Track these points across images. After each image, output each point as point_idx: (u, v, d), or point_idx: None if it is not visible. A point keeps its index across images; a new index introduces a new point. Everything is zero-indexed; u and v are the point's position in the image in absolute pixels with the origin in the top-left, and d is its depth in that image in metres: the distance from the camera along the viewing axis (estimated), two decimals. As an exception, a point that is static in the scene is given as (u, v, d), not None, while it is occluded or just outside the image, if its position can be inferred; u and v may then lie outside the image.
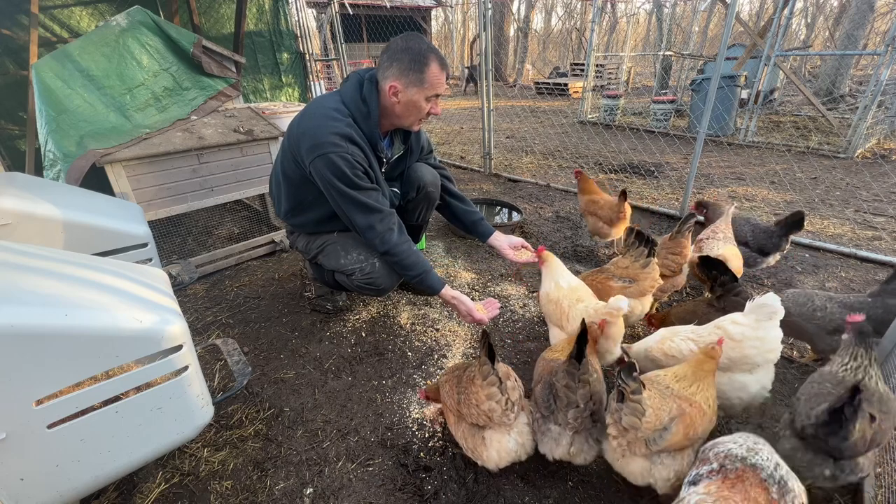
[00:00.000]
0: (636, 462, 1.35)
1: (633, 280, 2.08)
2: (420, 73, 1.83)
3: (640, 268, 2.07)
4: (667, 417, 1.30)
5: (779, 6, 6.13)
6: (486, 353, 1.39)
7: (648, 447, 1.30)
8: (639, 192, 4.62)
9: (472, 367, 1.52)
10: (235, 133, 2.95)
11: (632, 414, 1.26)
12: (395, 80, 1.85)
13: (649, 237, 2.06)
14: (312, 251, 2.30)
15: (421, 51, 1.81)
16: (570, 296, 1.94)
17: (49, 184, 2.14)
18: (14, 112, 3.58)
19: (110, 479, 1.28)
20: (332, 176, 1.87)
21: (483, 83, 4.78)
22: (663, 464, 1.34)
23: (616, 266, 2.16)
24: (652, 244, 2.05)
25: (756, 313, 1.57)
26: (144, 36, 2.98)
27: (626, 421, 1.27)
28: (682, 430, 1.30)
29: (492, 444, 1.44)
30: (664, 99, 7.58)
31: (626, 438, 1.31)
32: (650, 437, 1.29)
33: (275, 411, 1.95)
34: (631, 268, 2.09)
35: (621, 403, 1.28)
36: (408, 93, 1.87)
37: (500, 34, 16.67)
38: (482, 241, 2.46)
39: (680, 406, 1.34)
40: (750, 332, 1.56)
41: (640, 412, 1.26)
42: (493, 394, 1.39)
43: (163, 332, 1.23)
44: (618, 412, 1.30)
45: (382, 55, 1.88)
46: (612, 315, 1.74)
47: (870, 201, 4.18)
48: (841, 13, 13.19)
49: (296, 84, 5.22)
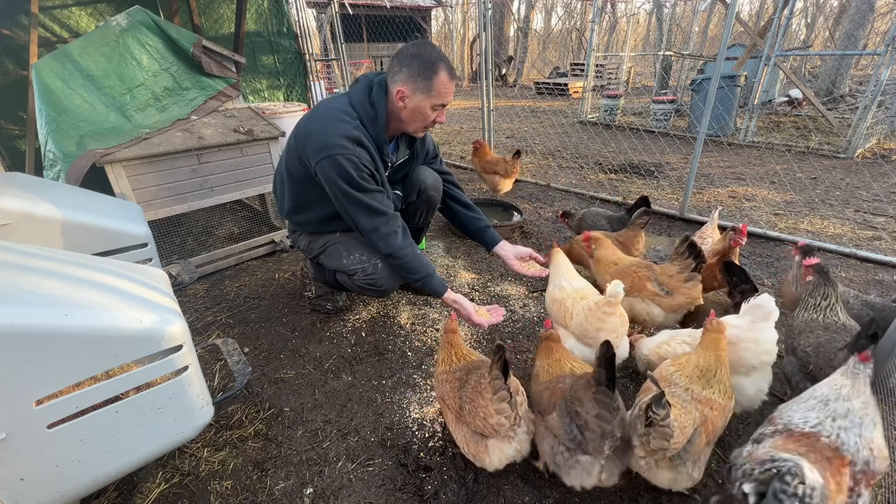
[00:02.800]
0: (662, 474, 1.36)
1: (670, 291, 2.00)
2: (428, 80, 1.84)
3: (682, 280, 1.98)
4: (691, 430, 1.31)
5: (779, 6, 6.13)
6: (500, 369, 1.34)
7: (673, 461, 1.32)
8: (639, 192, 4.61)
9: (478, 372, 1.47)
10: (235, 133, 2.95)
11: (661, 438, 1.26)
12: (402, 84, 1.86)
13: (700, 252, 1.94)
14: (314, 250, 2.30)
15: (431, 59, 1.82)
16: (575, 296, 1.93)
17: (49, 184, 2.14)
18: (14, 112, 3.57)
19: (110, 479, 1.28)
20: (338, 177, 1.87)
21: (483, 83, 4.79)
22: (688, 473, 1.36)
23: (662, 270, 2.06)
24: (701, 260, 1.95)
25: (751, 315, 1.56)
26: (144, 36, 2.98)
27: (654, 444, 1.27)
28: (704, 438, 1.33)
29: (494, 452, 1.43)
30: (664, 99, 7.58)
31: (654, 457, 1.32)
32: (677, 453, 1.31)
33: (275, 411, 1.95)
34: (675, 278, 2.00)
35: (650, 429, 1.27)
36: (414, 98, 1.88)
37: (500, 34, 16.66)
38: (488, 250, 2.40)
39: (702, 413, 1.35)
40: (745, 334, 1.55)
41: (669, 435, 1.25)
42: (503, 409, 1.35)
43: (163, 332, 1.23)
44: (646, 436, 1.29)
45: (393, 59, 1.89)
46: (610, 304, 1.72)
47: (870, 201, 4.18)
48: (841, 13, 13.19)
49: (295, 84, 5.22)
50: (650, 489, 1.56)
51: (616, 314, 1.76)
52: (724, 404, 1.41)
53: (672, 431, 1.25)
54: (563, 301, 1.94)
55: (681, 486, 1.39)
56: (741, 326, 1.57)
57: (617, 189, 4.67)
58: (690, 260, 1.97)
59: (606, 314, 1.75)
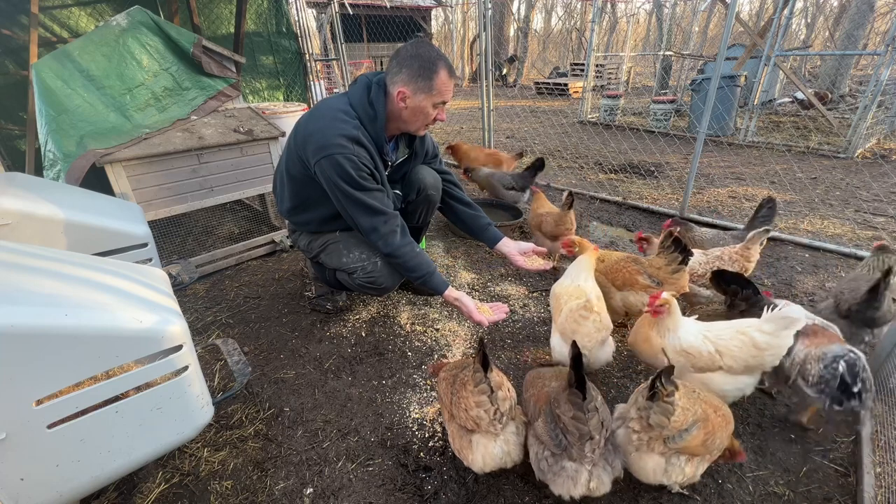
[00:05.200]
0: (652, 459, 1.35)
1: (660, 282, 2.11)
2: (429, 80, 1.86)
3: (669, 273, 2.09)
4: (692, 419, 1.31)
5: (779, 6, 6.13)
6: (480, 361, 1.36)
7: (666, 444, 1.31)
8: (639, 192, 4.62)
9: (468, 368, 1.48)
10: (235, 133, 2.95)
11: (661, 413, 1.26)
12: (403, 85, 1.87)
13: (686, 247, 2.06)
14: (314, 250, 2.31)
15: (431, 58, 1.84)
16: (572, 294, 1.93)
17: (49, 184, 2.14)
18: (14, 112, 3.57)
19: (110, 479, 1.28)
20: (338, 177, 1.88)
21: (483, 83, 4.79)
22: (680, 467, 1.35)
23: (650, 263, 2.18)
24: (687, 253, 2.06)
25: (779, 323, 1.56)
26: (144, 36, 2.98)
27: (654, 420, 1.28)
28: (702, 435, 1.32)
29: (478, 448, 1.42)
30: (664, 99, 7.58)
31: (649, 434, 1.32)
32: (671, 436, 1.30)
33: (275, 411, 1.95)
34: (662, 270, 2.11)
35: (652, 402, 1.27)
36: (416, 99, 1.89)
37: (500, 34, 16.66)
38: (490, 247, 2.41)
39: (705, 411, 1.35)
40: (774, 341, 1.56)
41: (670, 412, 1.26)
42: (483, 402, 1.37)
43: (163, 332, 1.23)
44: (646, 410, 1.29)
45: (392, 60, 1.90)
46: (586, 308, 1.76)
47: (870, 201, 4.18)
48: (841, 13, 13.20)
49: (295, 84, 5.21)
50: (650, 489, 1.56)
51: (590, 320, 1.75)
52: (727, 415, 1.41)
53: (674, 409, 1.25)
54: (559, 297, 1.97)
55: (668, 479, 1.37)
56: (771, 333, 1.56)
57: (617, 189, 4.67)
58: (676, 253, 2.08)
59: (582, 317, 1.76)
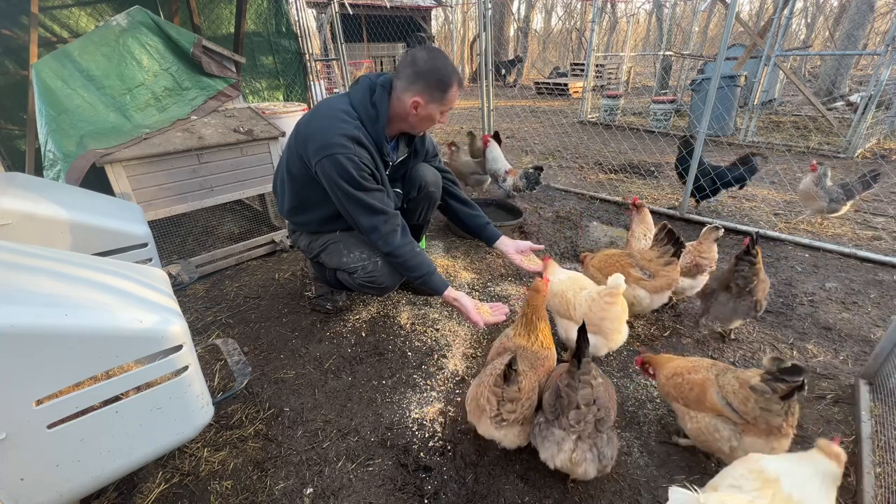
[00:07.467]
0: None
1: (652, 275, 2.14)
2: (443, 92, 1.92)
3: (661, 264, 2.14)
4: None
5: (779, 6, 6.13)
6: (503, 375, 1.45)
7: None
8: (639, 192, 4.62)
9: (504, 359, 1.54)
10: (235, 133, 2.95)
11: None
12: (419, 95, 1.91)
13: (679, 239, 2.12)
14: (314, 250, 2.31)
15: (447, 73, 1.90)
16: (573, 286, 2.01)
17: (49, 184, 2.14)
18: (14, 112, 3.57)
19: (110, 479, 1.28)
20: (338, 177, 1.88)
21: (483, 83, 4.78)
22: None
23: (641, 255, 2.22)
24: (679, 246, 2.12)
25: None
26: (144, 36, 2.98)
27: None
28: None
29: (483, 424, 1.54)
30: (664, 99, 7.57)
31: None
32: None
33: (275, 411, 1.95)
34: (654, 262, 2.16)
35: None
36: (428, 108, 1.95)
37: (500, 34, 16.65)
38: (489, 246, 2.46)
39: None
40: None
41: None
42: (491, 401, 1.48)
43: (163, 332, 1.23)
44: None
45: (405, 67, 1.91)
46: (612, 294, 1.82)
47: (870, 201, 4.18)
48: (841, 13, 13.20)
49: (295, 84, 5.21)
50: (650, 489, 1.56)
51: (618, 304, 1.85)
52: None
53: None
54: (563, 293, 2.00)
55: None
56: None
57: (617, 189, 4.67)
58: (669, 246, 2.13)
59: (609, 303, 1.84)
